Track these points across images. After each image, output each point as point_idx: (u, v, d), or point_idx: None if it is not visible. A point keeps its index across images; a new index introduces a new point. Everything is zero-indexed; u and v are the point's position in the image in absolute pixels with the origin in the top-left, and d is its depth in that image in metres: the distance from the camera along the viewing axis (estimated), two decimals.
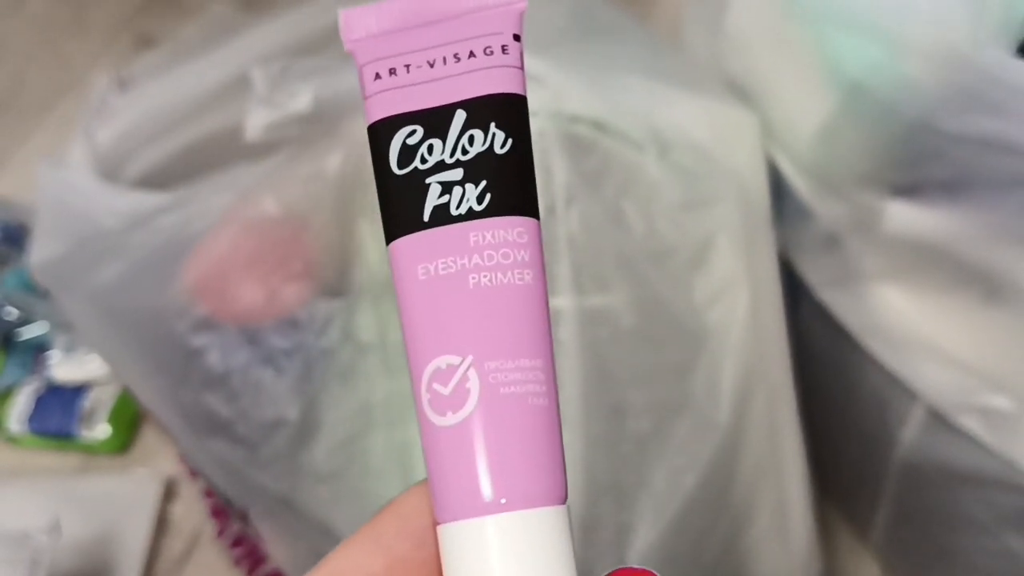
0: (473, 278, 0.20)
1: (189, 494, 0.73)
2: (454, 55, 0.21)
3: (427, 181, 0.20)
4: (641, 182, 0.52)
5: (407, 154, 0.20)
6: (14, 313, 0.80)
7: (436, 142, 0.20)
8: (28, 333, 0.80)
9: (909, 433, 0.54)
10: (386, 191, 0.21)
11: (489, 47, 0.21)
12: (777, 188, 0.57)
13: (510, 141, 0.20)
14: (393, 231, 0.20)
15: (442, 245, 0.20)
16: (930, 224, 0.50)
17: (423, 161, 0.20)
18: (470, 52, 0.21)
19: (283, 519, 0.55)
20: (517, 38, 0.21)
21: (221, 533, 0.68)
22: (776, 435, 0.54)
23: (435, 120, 0.20)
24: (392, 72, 0.21)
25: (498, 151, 0.20)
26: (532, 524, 0.19)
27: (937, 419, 0.52)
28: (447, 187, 0.20)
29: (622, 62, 0.57)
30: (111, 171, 0.60)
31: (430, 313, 0.20)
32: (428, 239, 0.20)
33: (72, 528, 0.65)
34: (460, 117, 0.20)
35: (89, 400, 0.76)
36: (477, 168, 0.20)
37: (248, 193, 0.52)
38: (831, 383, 0.60)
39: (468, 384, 0.20)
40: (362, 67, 0.21)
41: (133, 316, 0.54)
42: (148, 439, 0.77)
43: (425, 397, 0.20)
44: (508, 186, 0.20)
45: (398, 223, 0.20)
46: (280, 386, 0.51)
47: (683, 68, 0.60)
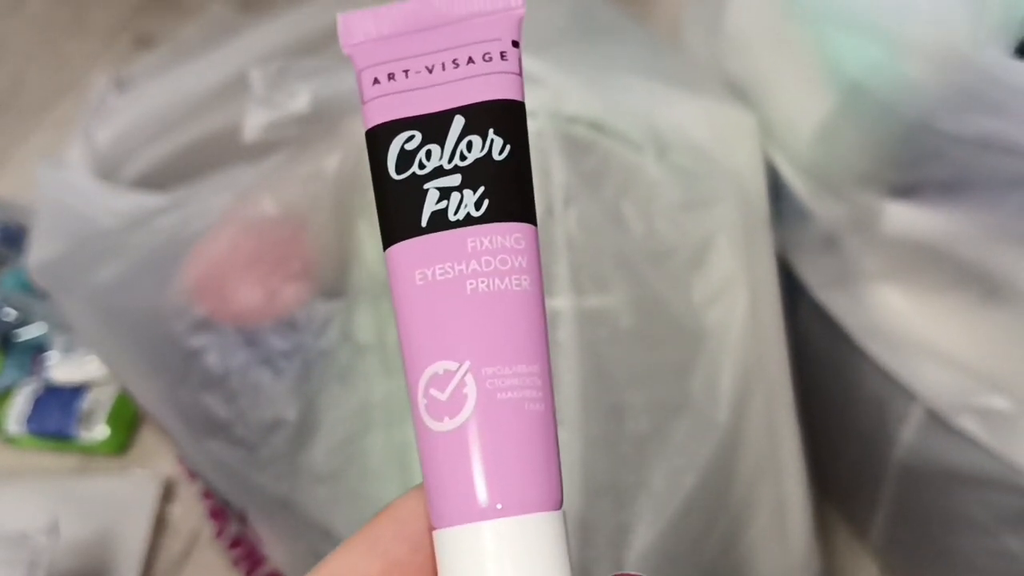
0: (471, 284, 0.20)
1: (188, 495, 0.73)
2: (453, 61, 0.21)
3: (425, 186, 0.20)
4: (640, 182, 0.52)
5: (405, 159, 0.20)
6: (12, 314, 0.80)
7: (434, 147, 0.20)
8: (26, 334, 0.80)
9: (908, 433, 0.54)
10: (384, 196, 0.21)
11: (488, 53, 0.21)
12: (776, 188, 0.57)
13: (508, 147, 0.20)
14: (391, 236, 0.20)
15: (440, 251, 0.20)
16: (929, 224, 0.50)
17: (421, 166, 0.20)
18: (469, 58, 0.21)
19: (282, 520, 0.55)
20: (516, 44, 0.21)
21: (220, 534, 0.68)
22: (775, 435, 0.54)
23: (434, 125, 0.20)
24: (391, 77, 0.21)
25: (496, 157, 0.20)
26: (528, 529, 0.19)
27: (936, 419, 0.52)
28: (445, 193, 0.20)
29: (621, 62, 0.57)
30: (110, 171, 0.60)
31: (427, 318, 0.20)
32: (426, 244, 0.20)
33: (71, 529, 0.65)
34: (459, 123, 0.20)
35: (87, 401, 0.76)
36: (475, 174, 0.20)
37: (247, 193, 0.52)
38: (830, 383, 0.60)
39: (465, 390, 0.20)
40: (360, 72, 0.21)
41: (132, 317, 0.54)
42: (147, 440, 0.77)
43: (422, 402, 0.20)
44: (506, 192, 0.20)
45: (396, 228, 0.20)
46: (279, 387, 0.51)
47: (682, 68, 0.60)
